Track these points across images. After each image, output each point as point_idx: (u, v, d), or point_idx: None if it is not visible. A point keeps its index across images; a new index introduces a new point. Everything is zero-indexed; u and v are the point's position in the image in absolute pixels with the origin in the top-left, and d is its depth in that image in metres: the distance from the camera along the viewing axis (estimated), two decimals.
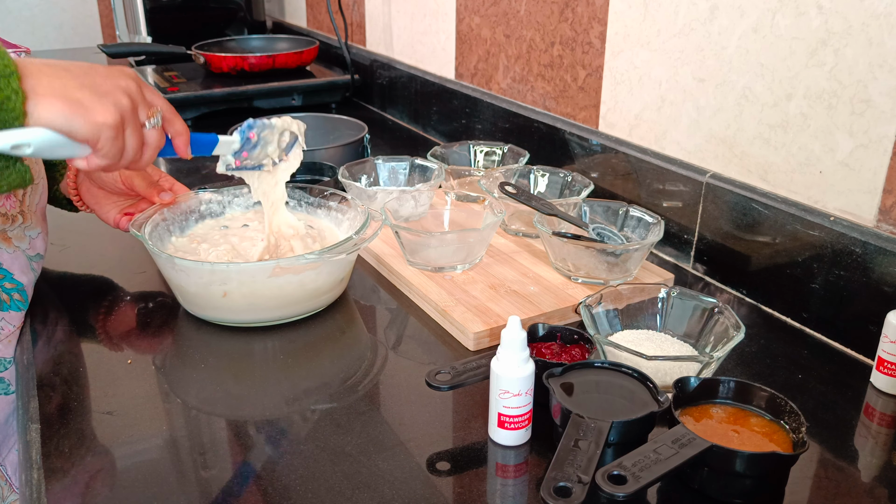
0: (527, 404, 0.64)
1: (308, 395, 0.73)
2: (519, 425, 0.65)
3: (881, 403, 0.72)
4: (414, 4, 1.58)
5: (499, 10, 1.31)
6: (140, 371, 0.77)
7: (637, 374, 0.66)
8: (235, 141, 0.82)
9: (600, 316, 0.77)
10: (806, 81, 0.83)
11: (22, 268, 0.85)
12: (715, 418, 0.63)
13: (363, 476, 0.62)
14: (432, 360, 0.80)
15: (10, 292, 0.84)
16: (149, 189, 0.91)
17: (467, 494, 0.60)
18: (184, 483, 0.62)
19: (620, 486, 0.52)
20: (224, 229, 0.95)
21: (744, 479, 0.58)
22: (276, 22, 2.43)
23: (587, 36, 1.12)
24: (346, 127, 1.41)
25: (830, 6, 0.79)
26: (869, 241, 0.77)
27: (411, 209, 0.99)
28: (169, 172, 1.08)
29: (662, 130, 1.02)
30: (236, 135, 0.82)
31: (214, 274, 0.79)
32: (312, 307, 0.86)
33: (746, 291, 0.92)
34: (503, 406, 0.64)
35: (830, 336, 0.83)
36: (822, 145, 0.83)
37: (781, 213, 0.86)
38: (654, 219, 0.92)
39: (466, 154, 1.22)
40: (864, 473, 0.64)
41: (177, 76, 1.80)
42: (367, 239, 0.84)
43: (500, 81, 1.35)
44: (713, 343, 0.74)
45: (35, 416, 0.70)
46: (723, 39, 0.91)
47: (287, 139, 0.87)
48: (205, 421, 0.70)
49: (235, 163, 0.83)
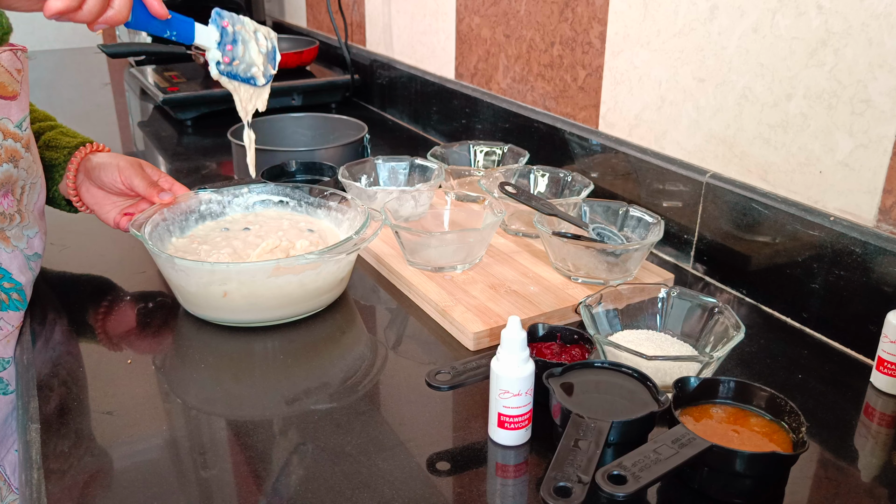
0: (527, 404, 0.64)
1: (308, 395, 0.73)
2: (519, 425, 0.65)
3: (881, 403, 0.72)
4: (414, 4, 1.58)
5: (499, 10, 1.31)
6: (140, 371, 0.77)
7: (637, 374, 0.66)
8: (212, 30, 0.80)
9: (600, 316, 0.77)
10: (806, 81, 0.83)
11: (20, 267, 0.85)
12: (715, 418, 0.63)
13: (363, 476, 0.62)
14: (432, 360, 0.80)
15: (9, 292, 0.84)
16: (148, 189, 0.91)
17: (467, 494, 0.60)
18: (184, 483, 0.62)
19: (620, 486, 0.52)
20: (225, 231, 0.95)
21: (744, 479, 0.58)
22: (276, 22, 2.43)
23: (587, 36, 1.12)
24: (346, 127, 1.41)
25: (830, 6, 0.79)
26: (869, 241, 0.77)
27: (411, 209, 0.99)
28: (169, 172, 1.08)
29: (662, 130, 1.02)
30: (210, 24, 0.80)
31: (214, 274, 0.79)
32: (312, 307, 0.86)
33: (746, 291, 0.92)
34: (503, 406, 0.64)
35: (830, 336, 0.83)
36: (822, 145, 0.83)
37: (781, 213, 0.86)
38: (654, 219, 0.92)
39: (466, 154, 1.22)
40: (864, 473, 0.64)
41: (177, 76, 1.80)
42: (367, 239, 0.84)
43: (500, 81, 1.35)
44: (713, 343, 0.74)
45: (35, 415, 0.70)
46: (723, 39, 0.91)
47: (264, 43, 0.86)
48: (205, 421, 0.70)
49: (224, 60, 0.82)
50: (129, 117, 1.83)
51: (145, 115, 1.81)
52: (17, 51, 0.81)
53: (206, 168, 1.39)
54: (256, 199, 1.00)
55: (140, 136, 1.66)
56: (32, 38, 2.84)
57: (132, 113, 1.86)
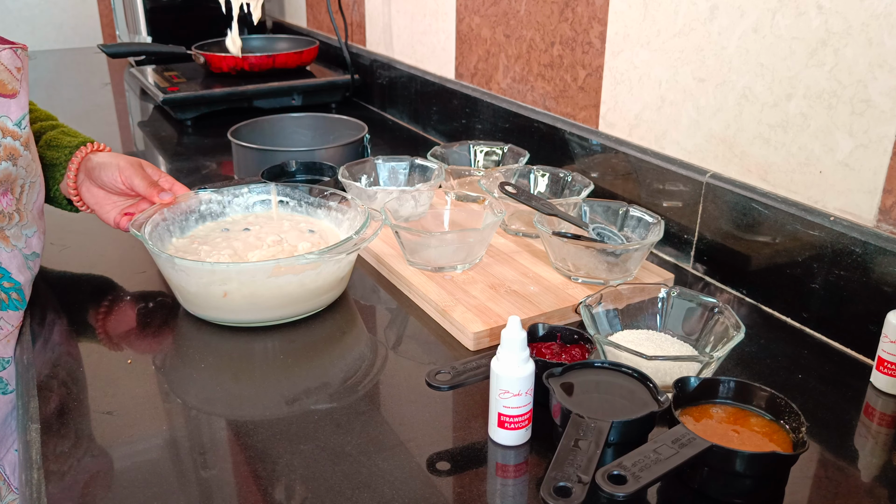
0: (527, 404, 0.64)
1: (308, 395, 0.73)
2: (519, 425, 0.65)
3: (881, 403, 0.72)
4: (414, 4, 1.58)
5: (499, 10, 1.31)
6: (140, 371, 0.77)
7: (637, 374, 0.66)
8: None
9: (600, 316, 0.77)
10: (806, 81, 0.83)
11: (19, 266, 0.85)
12: (715, 418, 0.63)
13: (363, 476, 0.62)
14: (432, 360, 0.80)
15: (9, 291, 0.84)
16: (149, 189, 0.91)
17: (467, 494, 0.60)
18: (184, 483, 0.62)
19: (620, 486, 0.52)
20: (225, 231, 0.95)
21: (744, 479, 0.58)
22: (276, 22, 2.43)
23: (587, 36, 1.12)
24: (346, 127, 1.41)
25: (830, 6, 0.79)
26: (869, 241, 0.77)
27: (411, 209, 0.99)
28: (169, 172, 1.08)
29: (662, 130, 1.02)
30: None
31: (214, 274, 0.79)
32: (312, 307, 0.86)
33: (746, 291, 0.92)
34: (503, 406, 0.64)
35: (830, 336, 0.83)
36: (822, 145, 0.83)
37: (781, 213, 0.86)
38: (654, 219, 0.91)
39: (466, 154, 1.22)
40: (864, 473, 0.64)
41: (177, 76, 1.80)
42: (367, 239, 0.84)
43: (500, 81, 1.35)
44: (713, 343, 0.74)
45: (35, 415, 0.70)
46: (723, 39, 0.91)
47: None
48: (205, 421, 0.70)
49: None
50: (129, 117, 1.83)
51: (145, 115, 1.81)
52: (17, 48, 0.81)
53: (206, 168, 1.39)
54: (256, 199, 1.00)
55: (140, 136, 1.66)
56: (32, 38, 2.85)
57: (132, 113, 1.86)
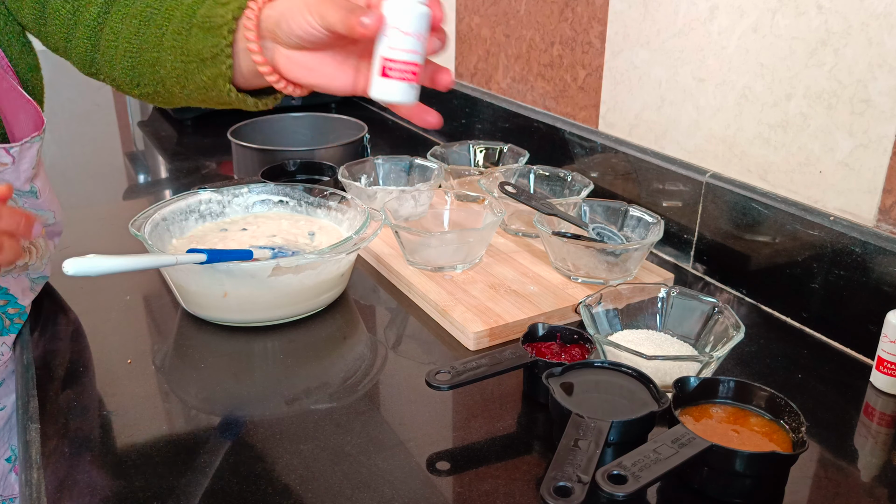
0: (415, 51, 0.58)
1: (308, 394, 0.73)
2: (404, 76, 0.58)
3: (881, 403, 0.72)
4: None
5: (499, 10, 1.31)
6: (140, 371, 0.77)
7: (637, 373, 0.66)
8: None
9: (600, 316, 0.77)
10: (806, 81, 0.83)
11: (24, 290, 0.85)
12: (715, 418, 0.63)
13: (363, 476, 0.62)
14: (432, 360, 0.80)
15: (13, 317, 0.84)
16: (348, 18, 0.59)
17: (467, 494, 0.60)
18: (184, 483, 0.62)
19: (620, 486, 0.52)
20: (223, 232, 0.95)
21: (744, 479, 0.58)
22: None
23: (587, 36, 1.12)
24: (346, 127, 1.41)
25: (830, 6, 0.79)
26: (869, 241, 0.77)
27: (411, 209, 0.99)
28: (169, 172, 1.08)
29: (662, 130, 1.02)
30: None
31: (215, 274, 0.79)
32: (312, 307, 0.86)
33: (746, 291, 0.92)
34: (388, 48, 0.57)
35: (830, 336, 0.83)
36: (821, 145, 0.83)
37: (781, 212, 0.86)
38: (653, 218, 0.92)
39: (466, 154, 1.22)
40: (864, 473, 0.64)
41: None
42: (366, 239, 0.84)
43: (499, 81, 1.35)
44: (713, 343, 0.74)
45: (35, 415, 0.70)
46: (723, 39, 0.91)
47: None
48: (205, 421, 0.70)
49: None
50: (129, 117, 1.83)
51: (145, 114, 1.81)
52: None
53: (206, 168, 1.39)
54: (256, 199, 1.00)
55: (140, 136, 1.66)
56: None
57: (132, 113, 1.86)
